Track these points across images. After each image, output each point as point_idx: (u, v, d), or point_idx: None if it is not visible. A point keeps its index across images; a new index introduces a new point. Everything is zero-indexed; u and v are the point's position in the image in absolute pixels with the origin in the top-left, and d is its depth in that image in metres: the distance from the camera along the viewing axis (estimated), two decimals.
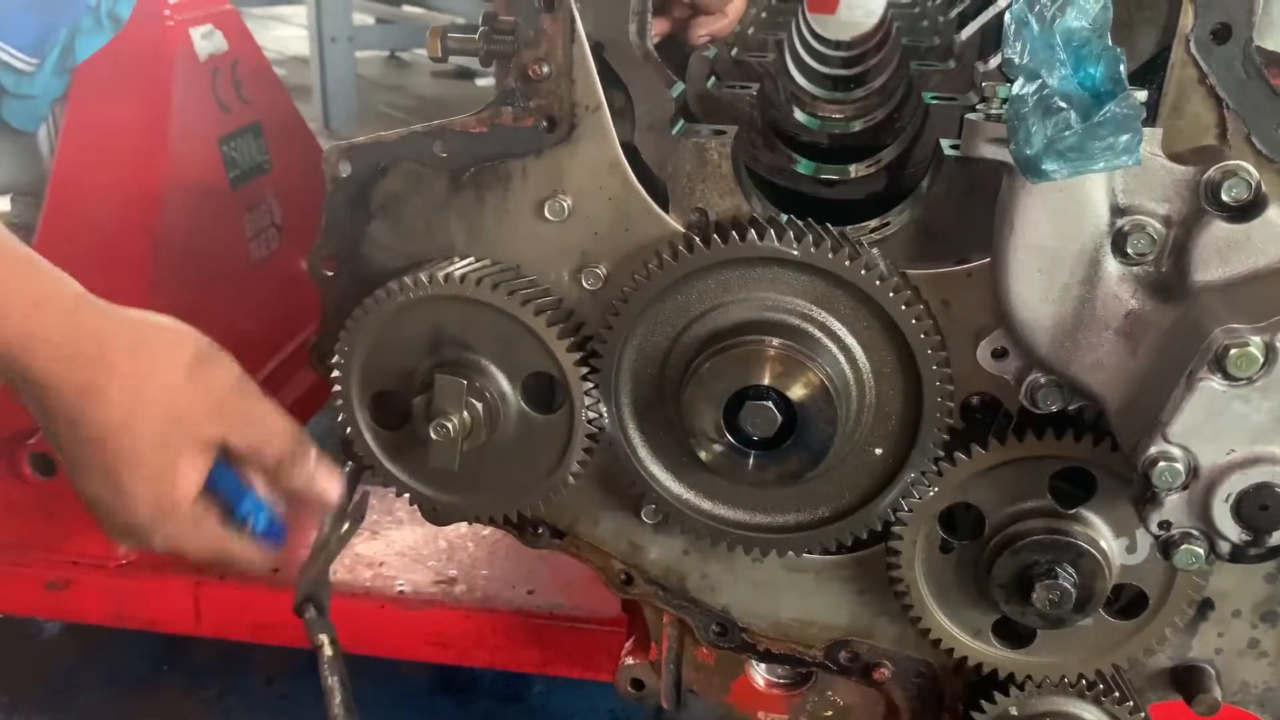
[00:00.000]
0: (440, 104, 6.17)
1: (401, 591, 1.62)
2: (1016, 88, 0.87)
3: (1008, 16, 0.88)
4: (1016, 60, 0.87)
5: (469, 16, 6.71)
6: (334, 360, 1.11)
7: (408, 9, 7.51)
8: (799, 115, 1.66)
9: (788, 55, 1.93)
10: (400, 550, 1.69)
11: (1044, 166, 0.86)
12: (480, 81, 6.35)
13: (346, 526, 1.12)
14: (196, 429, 0.86)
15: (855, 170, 1.40)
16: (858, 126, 1.64)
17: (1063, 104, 0.84)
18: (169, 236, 1.78)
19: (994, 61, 1.31)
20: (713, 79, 1.48)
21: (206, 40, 1.92)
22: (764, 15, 2.13)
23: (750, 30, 1.88)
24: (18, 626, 1.94)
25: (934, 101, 1.31)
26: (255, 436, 0.88)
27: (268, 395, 0.94)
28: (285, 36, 7.46)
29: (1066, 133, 0.84)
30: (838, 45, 2.46)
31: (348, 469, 1.12)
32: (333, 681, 1.08)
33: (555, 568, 1.62)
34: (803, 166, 1.42)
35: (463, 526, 1.69)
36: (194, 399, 0.86)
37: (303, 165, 2.18)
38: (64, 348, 0.81)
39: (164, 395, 0.85)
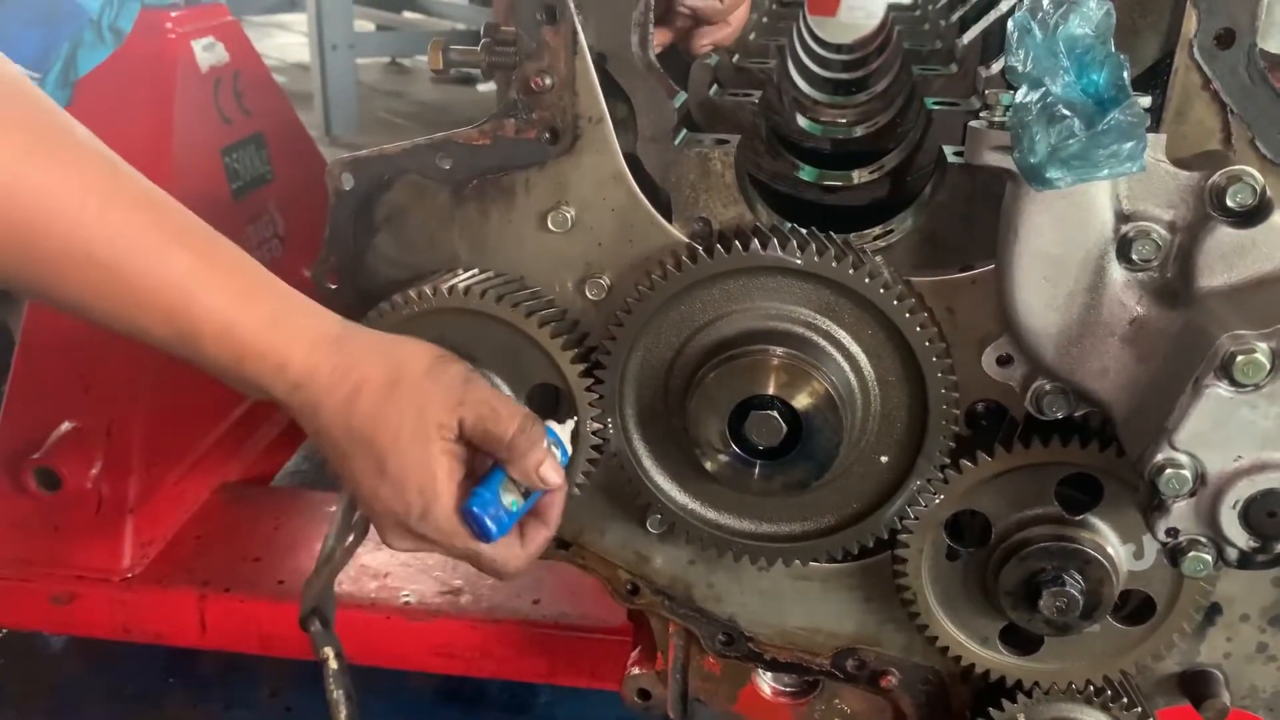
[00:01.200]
0: (441, 110, 6.18)
1: (407, 602, 1.62)
2: (1020, 95, 0.87)
3: (1010, 24, 0.88)
4: (1020, 68, 0.87)
5: (469, 22, 6.73)
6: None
7: (408, 15, 7.53)
8: (801, 121, 1.66)
9: (789, 60, 1.93)
10: (405, 561, 1.69)
11: (1048, 174, 0.86)
12: (481, 87, 6.36)
13: (351, 539, 1.11)
14: (440, 415, 0.97)
15: (858, 176, 1.40)
16: (860, 132, 1.64)
17: (1066, 112, 0.84)
18: None
19: (996, 66, 1.31)
20: (715, 86, 1.48)
21: (208, 52, 1.93)
22: (765, 20, 2.13)
23: (752, 36, 1.88)
24: (23, 641, 1.94)
25: (936, 107, 1.31)
26: (488, 418, 0.98)
27: None
28: (287, 44, 7.48)
29: (1070, 140, 0.84)
30: (839, 49, 2.46)
31: None
32: (338, 695, 1.07)
33: (560, 577, 1.62)
34: (806, 173, 1.42)
35: None
36: (434, 390, 0.97)
37: (304, 175, 2.19)
38: (334, 372, 0.95)
39: (412, 390, 0.97)
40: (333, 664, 1.07)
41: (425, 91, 6.66)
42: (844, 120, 1.74)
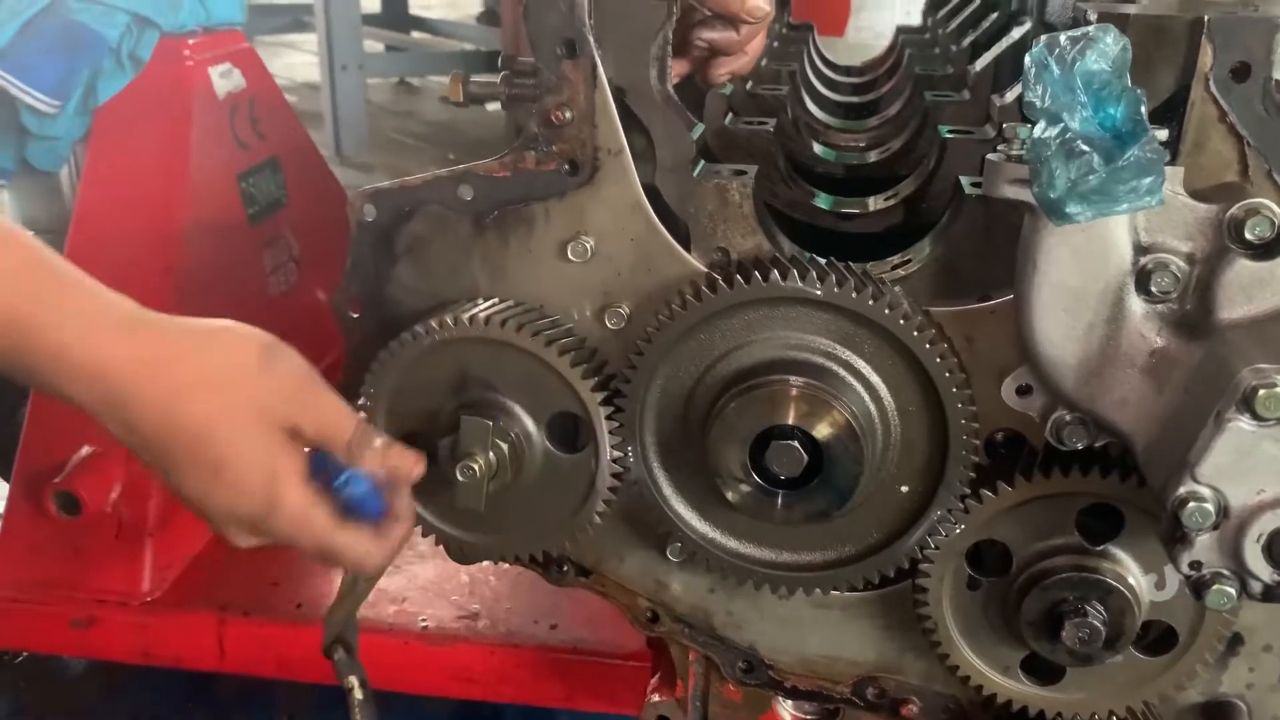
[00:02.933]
0: (450, 129, 6.21)
1: (425, 627, 1.62)
2: (1038, 131, 0.87)
3: (1027, 59, 0.88)
4: (1037, 103, 0.87)
5: (477, 43, 6.76)
6: (360, 401, 1.11)
7: (417, 36, 7.58)
8: (816, 147, 1.66)
9: (801, 85, 1.94)
10: (423, 585, 1.69)
11: (1068, 209, 0.86)
12: (490, 107, 6.37)
13: None
14: (278, 415, 0.91)
15: (873, 203, 1.41)
16: (874, 157, 1.65)
17: (1085, 147, 0.85)
18: (190, 274, 1.79)
19: (1010, 95, 1.31)
20: (730, 115, 1.48)
21: (225, 79, 1.94)
22: (775, 45, 2.14)
23: (764, 62, 1.89)
24: (43, 665, 1.94)
25: (951, 135, 1.32)
26: (325, 422, 0.93)
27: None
28: (296, 63, 7.52)
29: (1090, 176, 0.84)
30: (849, 71, 2.47)
31: None
32: None
33: (578, 601, 1.62)
34: (821, 200, 1.43)
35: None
36: (269, 387, 0.91)
37: (319, 198, 2.20)
38: (143, 363, 0.86)
39: (246, 387, 0.90)
40: (358, 694, 1.08)
41: (434, 111, 6.69)
42: (857, 145, 1.75)
